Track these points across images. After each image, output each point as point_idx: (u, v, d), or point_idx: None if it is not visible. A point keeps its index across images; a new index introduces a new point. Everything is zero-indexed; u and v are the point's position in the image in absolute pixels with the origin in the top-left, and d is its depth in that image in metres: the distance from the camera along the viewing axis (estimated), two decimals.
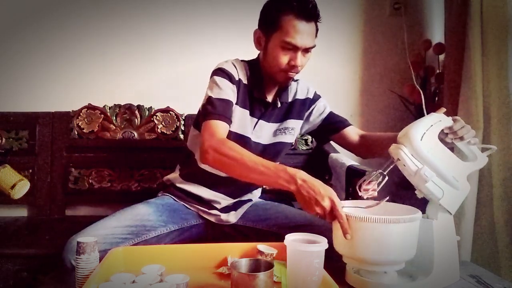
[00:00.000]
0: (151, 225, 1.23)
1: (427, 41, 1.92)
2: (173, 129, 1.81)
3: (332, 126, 1.41)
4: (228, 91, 1.22)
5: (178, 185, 1.37)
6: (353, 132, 1.39)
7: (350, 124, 1.41)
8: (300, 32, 1.15)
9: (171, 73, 1.92)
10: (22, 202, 1.75)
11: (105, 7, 1.88)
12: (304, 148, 1.83)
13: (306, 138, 1.83)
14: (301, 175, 0.99)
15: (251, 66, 1.31)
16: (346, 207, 0.99)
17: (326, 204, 0.94)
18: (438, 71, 1.92)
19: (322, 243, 0.89)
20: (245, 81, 1.28)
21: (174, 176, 1.40)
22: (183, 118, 1.82)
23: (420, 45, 1.94)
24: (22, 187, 1.14)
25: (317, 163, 1.75)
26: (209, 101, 1.21)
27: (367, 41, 2.01)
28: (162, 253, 1.04)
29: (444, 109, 1.06)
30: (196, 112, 1.43)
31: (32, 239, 1.47)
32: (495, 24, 1.56)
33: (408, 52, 1.92)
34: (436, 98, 1.91)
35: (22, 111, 1.78)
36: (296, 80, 1.40)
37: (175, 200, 1.36)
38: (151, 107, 1.82)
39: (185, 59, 1.92)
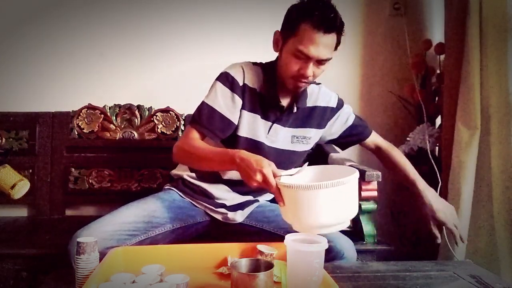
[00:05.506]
0: (158, 221, 1.23)
1: (427, 41, 1.92)
2: (173, 129, 1.80)
3: (351, 137, 1.43)
4: (223, 100, 1.23)
5: (190, 180, 1.36)
6: (371, 143, 1.44)
7: (370, 133, 1.43)
8: (316, 43, 1.12)
9: (171, 73, 1.92)
10: (22, 202, 1.75)
11: (105, 7, 1.88)
12: None
13: None
14: (240, 154, 1.05)
15: (266, 69, 1.29)
16: (285, 176, 1.03)
17: (258, 177, 0.99)
18: (438, 71, 1.92)
19: (322, 243, 0.89)
20: (254, 86, 1.26)
21: (184, 170, 1.39)
22: (183, 118, 1.81)
23: (420, 45, 1.94)
24: (22, 187, 1.14)
25: (317, 163, 1.74)
26: (200, 106, 1.25)
27: (367, 41, 2.01)
28: (162, 253, 1.04)
29: None
30: None
31: (32, 239, 1.47)
32: (495, 24, 1.56)
33: (408, 52, 1.91)
34: (436, 98, 1.91)
35: (22, 111, 1.78)
36: (318, 84, 1.38)
37: (182, 197, 1.36)
38: (151, 107, 1.82)
39: (185, 59, 1.92)
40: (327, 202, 0.91)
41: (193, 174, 1.37)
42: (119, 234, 1.15)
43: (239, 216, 1.32)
